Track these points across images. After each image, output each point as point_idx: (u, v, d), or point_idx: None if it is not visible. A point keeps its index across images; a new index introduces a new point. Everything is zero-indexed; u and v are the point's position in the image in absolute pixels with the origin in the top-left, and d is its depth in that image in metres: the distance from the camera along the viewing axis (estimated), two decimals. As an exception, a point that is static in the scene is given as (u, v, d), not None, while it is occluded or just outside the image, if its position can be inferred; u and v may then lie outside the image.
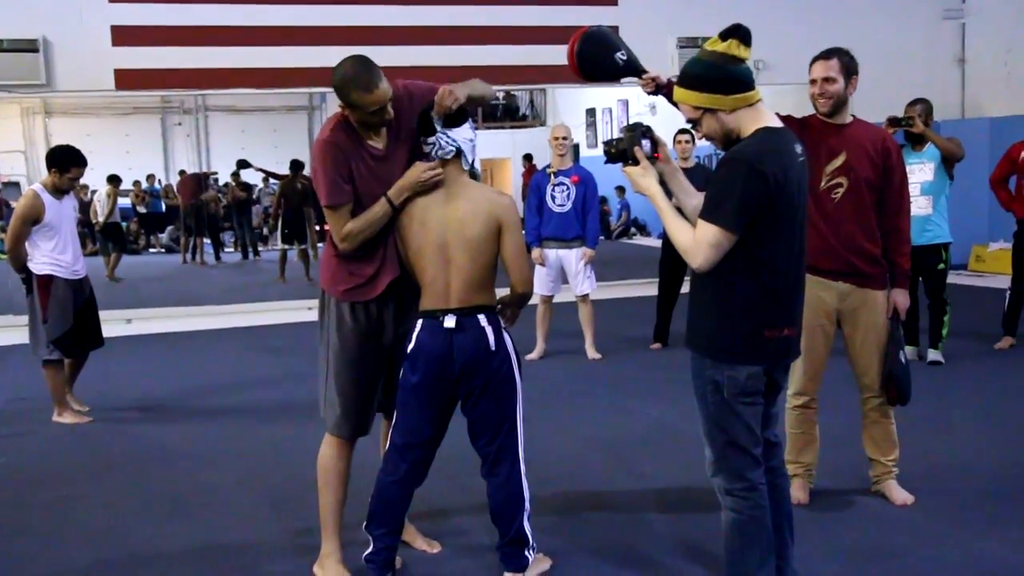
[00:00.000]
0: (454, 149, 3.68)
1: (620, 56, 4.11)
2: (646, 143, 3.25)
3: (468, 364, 3.62)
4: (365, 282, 3.71)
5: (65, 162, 6.33)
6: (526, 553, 3.76)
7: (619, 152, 3.26)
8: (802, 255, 3.19)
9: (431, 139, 3.67)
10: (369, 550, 3.78)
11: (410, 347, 3.66)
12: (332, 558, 3.86)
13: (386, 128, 3.69)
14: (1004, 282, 8.49)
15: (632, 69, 4.17)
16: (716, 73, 3.04)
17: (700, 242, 3.00)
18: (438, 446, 3.81)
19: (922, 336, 7.57)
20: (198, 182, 19.55)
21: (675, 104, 4.26)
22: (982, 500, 4.53)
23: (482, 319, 3.63)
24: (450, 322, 3.60)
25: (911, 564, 3.89)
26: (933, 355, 7.44)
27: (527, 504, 3.75)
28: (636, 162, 3.23)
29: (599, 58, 4.11)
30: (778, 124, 3.12)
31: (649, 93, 4.23)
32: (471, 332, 3.61)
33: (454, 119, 3.68)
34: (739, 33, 3.03)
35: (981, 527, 4.22)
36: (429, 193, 3.66)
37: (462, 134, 3.70)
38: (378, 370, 3.82)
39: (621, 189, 21.85)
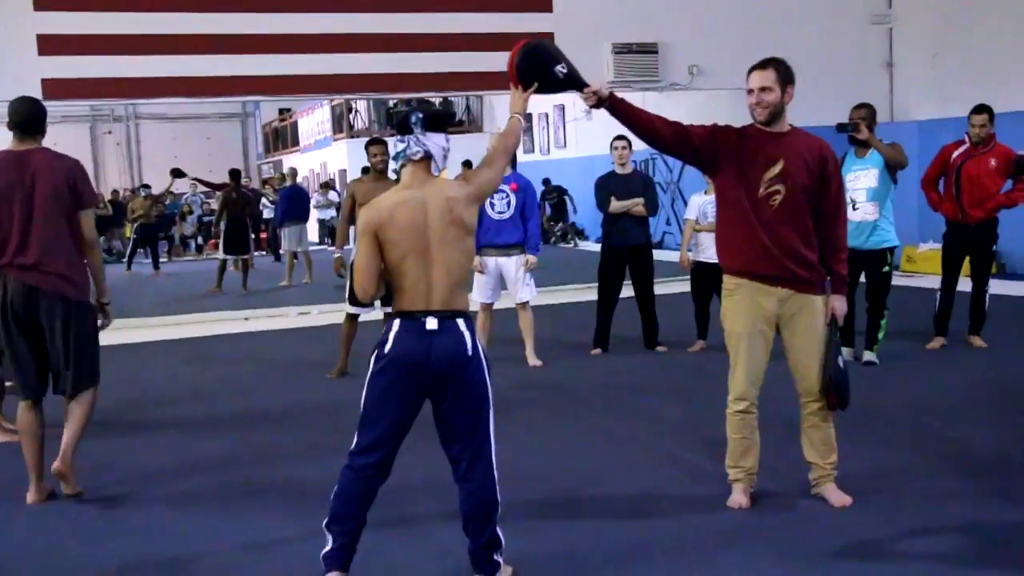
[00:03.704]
0: (422, 151, 3.70)
1: (560, 70, 4.13)
2: None
3: (445, 368, 3.61)
4: None
5: None
6: (496, 557, 3.76)
7: None
8: None
9: (403, 138, 3.69)
10: (326, 548, 3.70)
11: (386, 347, 3.64)
12: (33, 485, 5.07)
13: None
14: (934, 282, 8.64)
15: (573, 82, 4.18)
16: None
17: None
18: (400, 444, 3.77)
19: (857, 338, 7.69)
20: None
21: (616, 115, 4.31)
22: (917, 501, 4.62)
23: (461, 323, 3.65)
24: (432, 324, 3.59)
25: (850, 566, 3.95)
26: (868, 356, 7.56)
27: (499, 508, 3.74)
28: None
29: (539, 72, 4.12)
30: None
31: (591, 107, 4.25)
32: (451, 336, 3.61)
33: (434, 124, 3.70)
34: None
35: (917, 528, 4.30)
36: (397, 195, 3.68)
37: (436, 140, 3.72)
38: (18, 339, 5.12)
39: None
